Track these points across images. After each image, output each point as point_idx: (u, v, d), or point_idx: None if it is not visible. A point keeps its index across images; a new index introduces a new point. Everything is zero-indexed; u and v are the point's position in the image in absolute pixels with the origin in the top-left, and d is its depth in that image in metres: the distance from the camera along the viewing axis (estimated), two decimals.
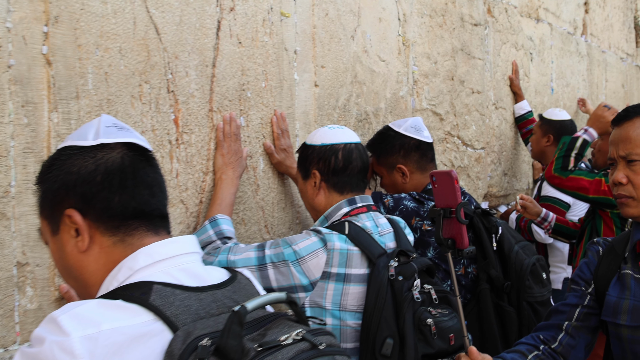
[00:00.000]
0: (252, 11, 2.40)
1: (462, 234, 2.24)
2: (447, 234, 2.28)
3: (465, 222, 2.25)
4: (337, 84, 2.87)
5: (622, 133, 1.98)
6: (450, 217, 2.27)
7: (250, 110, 2.42)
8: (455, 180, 2.18)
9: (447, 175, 2.18)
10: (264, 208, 2.51)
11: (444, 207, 2.27)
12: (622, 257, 1.99)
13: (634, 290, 1.89)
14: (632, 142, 1.94)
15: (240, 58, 2.36)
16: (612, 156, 2.01)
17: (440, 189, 2.24)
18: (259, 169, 2.47)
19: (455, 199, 2.21)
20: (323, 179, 2.19)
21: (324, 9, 2.79)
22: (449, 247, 2.30)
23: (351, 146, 2.19)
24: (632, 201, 1.95)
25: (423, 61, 3.55)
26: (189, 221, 2.19)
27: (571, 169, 3.46)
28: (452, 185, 2.18)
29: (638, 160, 1.93)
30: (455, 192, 2.19)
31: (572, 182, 3.41)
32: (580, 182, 3.40)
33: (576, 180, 3.40)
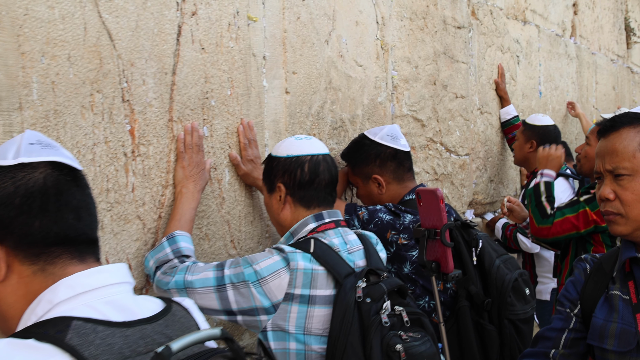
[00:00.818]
0: (216, 15, 2.28)
1: (447, 257, 2.12)
2: (431, 256, 2.17)
3: (450, 245, 2.14)
4: (309, 91, 2.75)
5: (608, 145, 1.84)
6: (434, 238, 2.15)
7: (215, 120, 2.29)
8: (440, 199, 2.06)
9: (432, 194, 2.07)
10: (230, 222, 2.38)
11: (428, 227, 2.16)
12: (610, 277, 1.86)
13: (622, 313, 1.77)
14: (618, 155, 1.80)
15: (204, 65, 2.24)
16: (598, 170, 1.87)
17: (425, 207, 2.13)
18: (224, 181, 2.35)
19: (440, 219, 2.09)
20: (288, 193, 2.07)
21: (295, 13, 2.66)
22: (433, 271, 2.19)
23: (318, 158, 2.07)
24: (621, 218, 1.81)
25: (403, 65, 3.44)
26: (147, 238, 2.06)
27: (551, 213, 3.32)
28: (438, 205, 2.07)
29: (626, 175, 1.79)
30: (440, 213, 2.07)
31: (559, 226, 3.27)
32: (567, 223, 3.26)
33: (562, 222, 3.26)
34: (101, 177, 1.90)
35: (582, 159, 3.58)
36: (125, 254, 1.99)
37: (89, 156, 1.87)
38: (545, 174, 3.54)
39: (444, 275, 2.14)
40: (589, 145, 3.50)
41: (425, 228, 2.12)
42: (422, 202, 2.03)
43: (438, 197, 1.97)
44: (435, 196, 1.97)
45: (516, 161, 4.47)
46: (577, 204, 3.25)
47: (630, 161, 1.77)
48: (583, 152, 3.56)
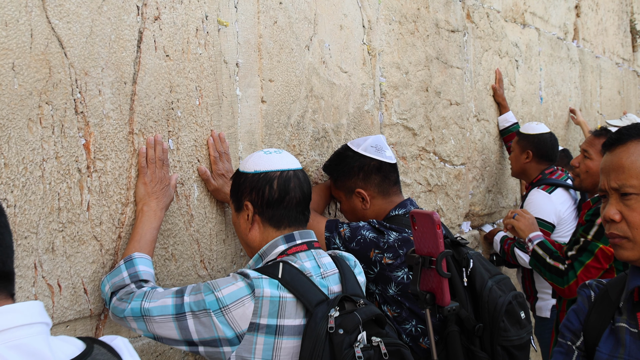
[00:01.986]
0: (181, 20, 2.13)
1: (443, 288, 1.96)
2: (426, 286, 2.00)
3: (447, 276, 1.97)
4: (288, 99, 2.59)
5: (614, 160, 1.64)
6: (430, 267, 1.98)
7: (181, 132, 2.14)
8: (437, 224, 1.90)
9: (428, 218, 1.91)
10: (200, 241, 2.22)
11: (423, 254, 1.99)
12: (616, 306, 1.66)
13: (629, 348, 1.57)
14: (625, 171, 1.61)
15: (168, 73, 2.08)
16: (602, 187, 1.68)
17: (420, 232, 1.96)
18: (192, 197, 2.19)
19: (436, 246, 1.93)
20: (257, 212, 1.91)
21: (271, 17, 2.51)
22: (427, 303, 2.02)
23: (289, 174, 1.91)
24: (627, 242, 1.61)
25: (392, 72, 3.28)
26: (104, 260, 1.90)
27: (565, 267, 3.03)
28: (434, 231, 1.91)
29: (633, 194, 1.60)
30: (436, 239, 1.91)
31: (585, 276, 2.98)
32: (592, 270, 2.99)
33: (586, 271, 2.99)
34: (52, 196, 1.75)
35: (582, 173, 3.35)
36: (79, 277, 1.83)
37: (37, 173, 1.71)
38: (533, 238, 3.27)
39: (439, 308, 1.97)
40: (589, 159, 3.30)
41: (420, 255, 1.95)
42: (417, 225, 1.87)
43: (434, 221, 1.81)
44: (431, 220, 1.81)
45: (514, 173, 4.30)
46: (589, 246, 3.00)
47: (639, 179, 1.59)
48: (583, 167, 3.34)
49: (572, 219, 3.95)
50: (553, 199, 3.92)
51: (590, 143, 3.31)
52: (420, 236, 1.87)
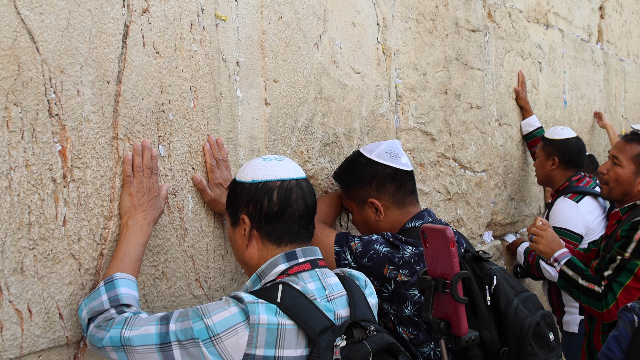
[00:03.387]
0: (174, 13, 1.92)
1: (459, 315, 1.71)
2: (440, 313, 1.76)
3: (464, 301, 1.72)
4: (295, 102, 2.37)
5: None
6: (444, 291, 1.74)
7: (174, 137, 1.93)
8: (451, 242, 1.66)
9: (440, 234, 1.67)
10: (195, 257, 2.01)
11: (436, 276, 1.75)
12: None
13: None
14: None
15: (158, 71, 1.88)
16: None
17: (432, 250, 1.72)
18: (186, 209, 1.98)
19: (451, 267, 1.69)
20: (254, 227, 1.70)
21: (276, 12, 2.30)
22: (442, 332, 1.77)
23: (290, 183, 1.70)
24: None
25: (409, 73, 3.05)
26: (84, 280, 1.69)
27: (602, 290, 2.78)
28: (447, 249, 1.67)
29: None
30: (451, 259, 1.67)
31: (625, 298, 2.73)
32: (632, 291, 2.74)
33: (625, 293, 2.74)
34: (20, 209, 1.55)
35: (611, 181, 3.09)
36: (54, 301, 1.62)
37: (3, 183, 1.51)
38: (559, 258, 2.99)
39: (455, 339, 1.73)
40: (619, 166, 3.04)
41: (432, 277, 1.71)
42: (429, 243, 1.64)
43: (448, 238, 1.58)
44: (444, 237, 1.58)
45: (539, 181, 4.05)
46: (628, 264, 2.76)
47: None
48: (612, 174, 3.08)
49: (600, 230, 3.69)
50: (581, 208, 3.68)
51: (620, 149, 3.07)
52: (433, 255, 1.64)
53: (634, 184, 2.99)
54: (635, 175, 2.99)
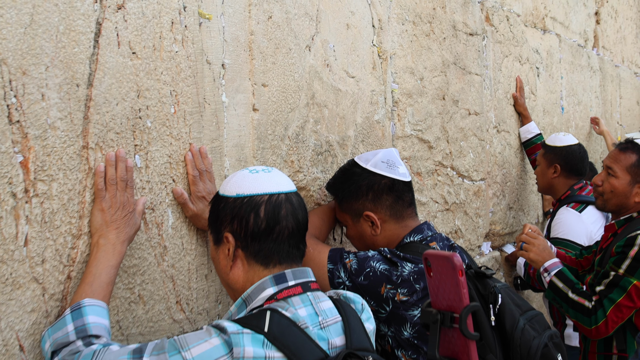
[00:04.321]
0: (153, 10, 1.75)
1: (469, 352, 1.53)
2: (447, 350, 1.57)
3: (475, 337, 1.54)
4: (285, 107, 2.21)
5: None
6: (451, 326, 1.56)
7: (152, 146, 1.75)
8: (459, 271, 1.48)
9: (447, 262, 1.49)
10: (175, 278, 1.84)
11: (442, 309, 1.57)
12: None
13: None
14: None
15: (135, 74, 1.70)
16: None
17: (437, 280, 1.54)
18: (165, 226, 1.81)
19: (459, 298, 1.51)
20: (239, 246, 1.53)
21: (265, 11, 2.13)
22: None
23: (279, 198, 1.53)
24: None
25: (405, 77, 2.89)
26: (48, 307, 1.52)
27: (592, 305, 2.62)
28: (455, 279, 1.49)
29: None
30: (459, 289, 1.49)
31: (615, 316, 2.59)
32: (623, 309, 2.59)
33: (616, 311, 2.59)
34: None
35: (606, 193, 2.92)
36: (13, 331, 1.44)
37: None
38: (549, 268, 2.82)
39: None
40: (614, 177, 2.88)
41: (438, 310, 1.54)
42: (433, 271, 1.47)
43: (456, 267, 1.41)
44: (451, 266, 1.41)
45: (540, 189, 3.90)
46: (621, 281, 2.60)
47: None
48: (607, 186, 2.91)
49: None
50: (584, 218, 3.53)
51: (614, 159, 2.91)
52: (438, 285, 1.47)
53: (629, 195, 2.85)
54: (631, 186, 2.84)
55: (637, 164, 2.83)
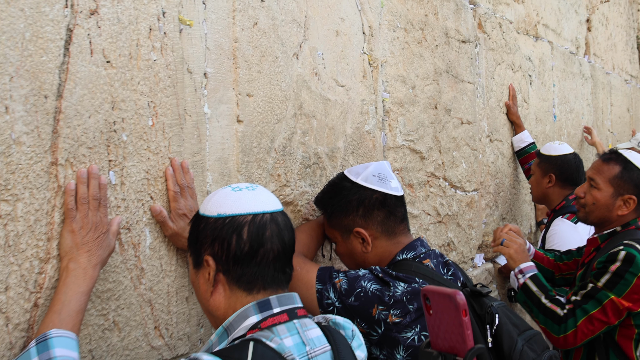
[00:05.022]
0: (129, 16, 1.64)
1: None
2: None
3: None
4: (272, 119, 2.10)
5: None
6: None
7: (128, 161, 1.64)
8: (463, 310, 1.37)
9: (449, 300, 1.37)
10: (154, 302, 1.72)
11: (444, 350, 1.45)
12: None
13: None
14: None
15: (109, 84, 1.59)
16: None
17: (438, 318, 1.42)
18: (143, 246, 1.69)
19: (462, 340, 1.39)
20: (221, 270, 1.41)
21: (251, 17, 2.02)
22: None
23: (264, 218, 1.42)
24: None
25: (397, 86, 2.79)
26: (12, 338, 1.40)
27: (565, 313, 2.54)
28: (458, 319, 1.37)
29: None
30: (463, 330, 1.37)
31: (586, 328, 2.50)
32: (595, 322, 2.49)
33: (588, 323, 2.50)
34: None
35: (588, 205, 2.78)
36: None
37: None
38: (525, 270, 2.74)
39: None
40: (596, 189, 2.75)
41: (439, 351, 1.42)
42: (433, 309, 1.36)
43: (459, 306, 1.30)
44: (454, 305, 1.30)
45: (534, 199, 3.81)
46: (598, 294, 2.51)
47: None
48: (589, 198, 2.78)
49: None
50: (579, 229, 3.44)
51: (597, 170, 2.79)
52: (438, 324, 1.35)
53: (612, 208, 2.73)
54: (614, 199, 2.72)
55: (620, 175, 2.71)
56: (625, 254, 2.49)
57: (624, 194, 2.70)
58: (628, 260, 2.48)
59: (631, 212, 2.72)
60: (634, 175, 2.70)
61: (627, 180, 2.70)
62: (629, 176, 2.70)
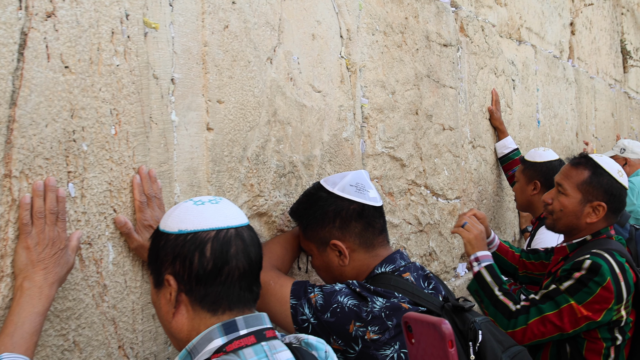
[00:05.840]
0: (89, 19, 1.55)
1: None
2: None
3: None
4: (244, 126, 2.02)
5: None
6: None
7: (89, 172, 1.55)
8: (449, 342, 1.29)
9: (433, 329, 1.30)
10: (117, 320, 1.63)
11: None
12: None
13: None
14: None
15: (68, 91, 1.50)
16: None
17: (420, 348, 1.34)
18: (106, 261, 1.60)
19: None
20: (183, 290, 1.33)
21: (221, 19, 1.94)
22: None
23: (228, 234, 1.33)
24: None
25: (376, 91, 2.72)
26: None
27: (517, 309, 2.42)
28: (444, 350, 1.29)
29: None
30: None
31: (537, 328, 2.37)
32: (547, 325, 2.36)
33: (540, 323, 2.37)
34: None
35: (555, 212, 2.63)
36: None
37: None
38: (481, 258, 2.58)
39: None
40: (564, 195, 2.60)
41: None
42: (415, 338, 1.28)
43: (445, 336, 1.22)
44: (439, 335, 1.22)
45: (519, 206, 3.74)
46: (557, 295, 2.38)
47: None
48: (557, 204, 2.63)
49: None
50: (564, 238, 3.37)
51: (565, 175, 2.65)
52: (421, 354, 1.28)
53: (580, 215, 2.57)
54: (582, 206, 2.56)
55: (589, 181, 2.56)
56: (590, 263, 2.35)
57: (593, 201, 2.55)
58: (593, 270, 2.34)
59: (601, 220, 2.57)
60: (603, 181, 2.55)
61: (597, 186, 2.55)
62: (598, 182, 2.55)
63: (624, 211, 3.66)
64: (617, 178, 2.55)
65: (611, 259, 2.39)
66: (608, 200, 2.54)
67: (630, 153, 5.38)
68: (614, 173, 2.56)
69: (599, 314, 2.34)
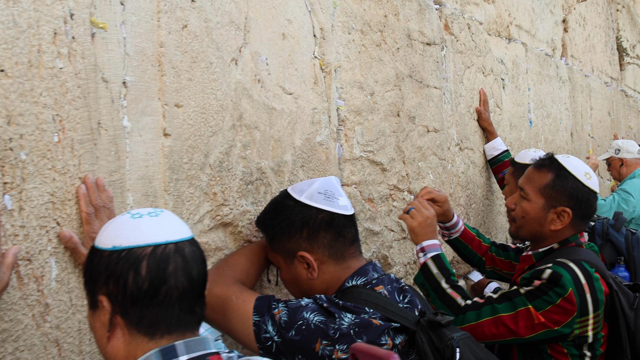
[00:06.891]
0: (27, 19, 1.44)
1: None
2: None
3: None
4: (205, 131, 1.91)
5: None
6: None
7: (28, 183, 1.44)
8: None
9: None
10: (61, 341, 1.52)
11: None
12: None
13: None
14: None
15: (4, 96, 1.40)
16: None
17: None
18: (48, 279, 1.49)
19: None
20: (118, 312, 1.22)
21: (179, 19, 1.83)
22: None
23: (166, 250, 1.23)
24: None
25: (353, 93, 2.61)
26: None
27: (466, 304, 2.25)
28: None
29: None
30: None
31: (488, 328, 2.19)
32: (500, 326, 2.19)
33: (493, 323, 2.19)
34: None
35: (518, 218, 2.45)
36: None
37: None
38: (427, 248, 2.36)
39: None
40: (526, 200, 2.41)
41: None
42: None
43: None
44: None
45: None
46: (516, 297, 2.20)
47: None
48: (519, 210, 2.44)
49: None
50: None
51: (528, 178, 2.45)
52: None
53: (544, 222, 2.38)
54: (545, 211, 2.37)
55: (552, 185, 2.36)
56: (550, 273, 2.17)
57: (556, 206, 2.35)
58: (553, 280, 2.16)
59: (567, 227, 2.38)
60: (568, 185, 2.35)
61: (560, 190, 2.35)
62: (562, 185, 2.35)
63: (621, 215, 3.55)
64: (583, 181, 2.36)
65: (577, 269, 2.20)
66: (574, 205, 2.34)
67: (625, 153, 5.26)
68: (580, 176, 2.36)
69: (558, 324, 2.16)
